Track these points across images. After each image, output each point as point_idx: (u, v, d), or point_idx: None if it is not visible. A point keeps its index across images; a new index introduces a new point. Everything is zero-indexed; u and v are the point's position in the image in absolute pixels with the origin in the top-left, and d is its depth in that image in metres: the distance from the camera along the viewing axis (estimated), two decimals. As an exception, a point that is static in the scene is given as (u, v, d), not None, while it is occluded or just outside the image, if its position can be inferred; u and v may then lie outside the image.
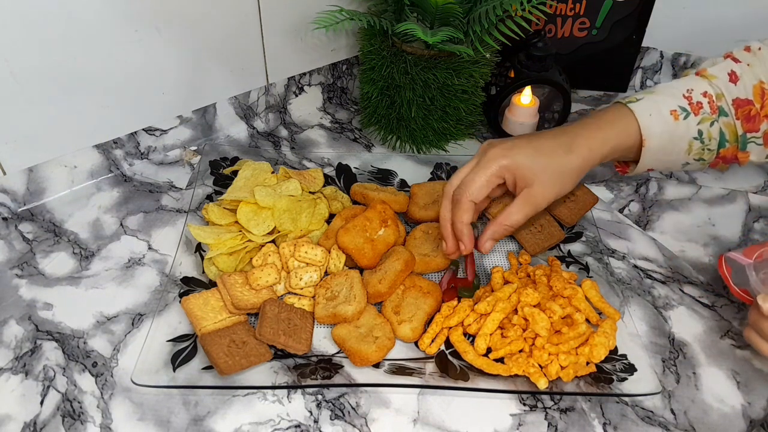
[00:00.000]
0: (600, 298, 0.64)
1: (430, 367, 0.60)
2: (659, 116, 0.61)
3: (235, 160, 0.81)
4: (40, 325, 0.63)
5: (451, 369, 0.59)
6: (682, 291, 0.70)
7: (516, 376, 0.58)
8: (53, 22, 0.66)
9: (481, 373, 0.59)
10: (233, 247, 0.67)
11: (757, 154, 0.64)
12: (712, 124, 0.62)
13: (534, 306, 0.61)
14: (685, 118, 0.61)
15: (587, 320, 0.62)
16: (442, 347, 0.62)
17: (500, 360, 0.60)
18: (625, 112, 0.62)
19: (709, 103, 0.62)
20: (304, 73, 0.92)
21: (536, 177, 0.59)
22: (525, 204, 0.60)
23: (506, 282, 0.66)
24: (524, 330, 0.61)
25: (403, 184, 0.81)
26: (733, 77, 0.63)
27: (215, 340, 0.59)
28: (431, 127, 0.85)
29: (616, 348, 0.61)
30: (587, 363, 0.59)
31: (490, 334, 0.60)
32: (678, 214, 0.80)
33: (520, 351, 0.59)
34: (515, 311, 0.62)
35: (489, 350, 0.60)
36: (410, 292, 0.65)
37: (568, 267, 0.71)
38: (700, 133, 0.62)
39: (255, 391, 0.58)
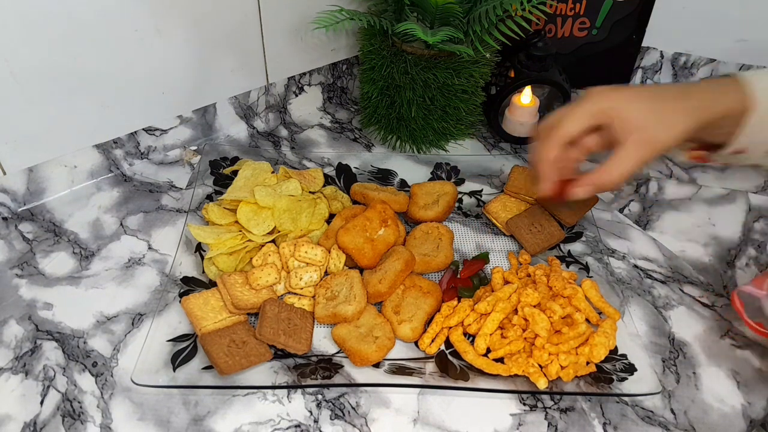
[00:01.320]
0: (600, 297, 0.64)
1: (430, 366, 0.60)
2: None
3: (235, 159, 0.81)
4: (40, 324, 0.63)
5: (451, 369, 0.59)
6: (682, 291, 0.70)
7: (516, 375, 0.58)
8: (53, 21, 0.66)
9: (481, 373, 0.59)
10: (233, 246, 0.67)
11: None
12: None
13: (534, 306, 0.61)
14: None
15: (587, 320, 0.62)
16: (442, 347, 0.62)
17: (500, 360, 0.60)
18: (736, 82, 0.55)
19: None
20: (304, 73, 0.92)
21: (647, 120, 0.53)
22: (637, 148, 0.53)
23: (506, 282, 0.66)
24: (524, 330, 0.61)
25: (403, 184, 0.81)
26: None
27: (215, 339, 0.59)
28: (431, 127, 0.85)
29: (616, 348, 0.61)
30: (587, 363, 0.59)
31: (490, 334, 0.60)
32: (678, 214, 0.80)
33: (520, 351, 0.59)
34: (515, 311, 0.62)
35: (489, 350, 0.60)
36: (410, 291, 0.65)
37: (568, 267, 0.71)
38: None
39: (255, 390, 0.58)
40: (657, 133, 0.53)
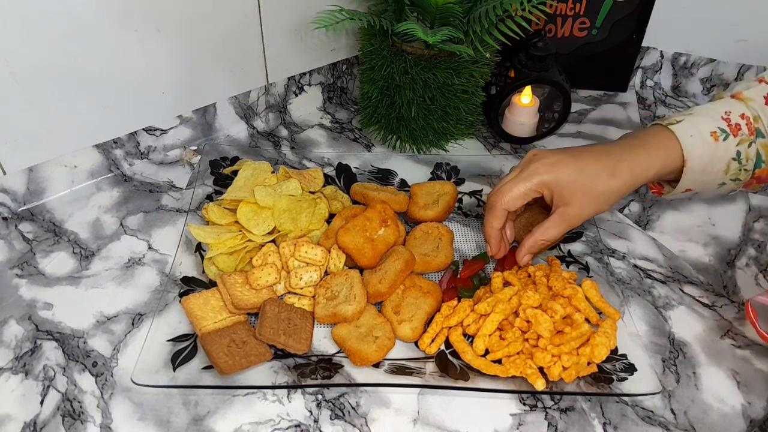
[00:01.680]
0: (600, 297, 0.63)
1: (430, 366, 0.60)
2: (700, 138, 0.62)
3: (235, 159, 0.81)
4: (40, 324, 0.63)
5: (451, 369, 0.59)
6: (682, 291, 0.70)
7: (516, 375, 0.58)
8: (53, 21, 0.66)
9: (480, 372, 0.59)
10: (233, 246, 0.67)
11: None
12: (749, 145, 0.62)
13: (535, 307, 0.61)
14: (724, 139, 0.62)
15: (587, 320, 0.62)
16: (442, 347, 0.62)
17: (499, 361, 0.60)
18: (668, 135, 0.62)
19: (746, 124, 0.62)
20: (304, 73, 0.92)
21: (575, 197, 0.61)
22: (561, 221, 0.63)
23: (506, 284, 0.66)
24: (524, 332, 0.61)
25: (403, 184, 0.81)
26: None
27: (215, 339, 0.59)
28: (431, 127, 0.85)
29: (616, 348, 0.61)
30: (588, 363, 0.59)
31: (489, 335, 0.60)
32: (678, 214, 0.80)
33: (519, 353, 0.59)
34: (516, 314, 0.62)
35: (488, 351, 0.60)
36: (410, 291, 0.65)
37: (568, 267, 0.71)
38: (738, 153, 0.62)
39: (255, 390, 0.58)
40: (582, 211, 0.62)
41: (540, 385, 0.56)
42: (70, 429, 0.55)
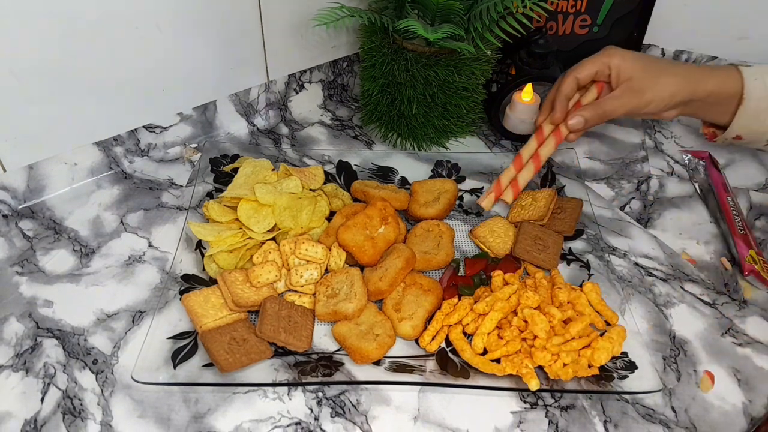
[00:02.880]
0: (600, 300, 0.63)
1: (431, 364, 0.60)
2: (762, 83, 0.64)
3: (235, 157, 0.81)
4: (40, 322, 0.63)
5: (452, 366, 0.59)
6: (683, 289, 0.70)
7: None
8: (53, 19, 0.65)
9: (480, 370, 0.59)
10: (234, 244, 0.67)
11: None
12: None
13: (534, 308, 0.61)
14: None
15: (593, 326, 0.62)
16: (443, 345, 0.62)
17: (498, 360, 0.60)
18: (735, 72, 0.66)
19: None
20: (305, 70, 0.92)
21: (637, 74, 0.67)
22: (623, 93, 0.67)
23: (506, 284, 0.66)
24: (521, 331, 0.60)
25: (403, 182, 0.81)
26: None
27: (216, 337, 0.59)
28: (432, 125, 0.85)
29: (616, 346, 0.61)
30: (589, 366, 0.59)
31: (488, 334, 0.60)
32: (679, 212, 0.80)
33: (517, 352, 0.59)
34: (515, 313, 0.62)
35: (487, 349, 0.60)
36: (411, 289, 0.65)
37: (569, 265, 0.71)
38: None
39: (255, 388, 0.58)
40: (643, 86, 0.67)
41: (534, 385, 0.56)
42: (71, 426, 0.55)
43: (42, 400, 0.57)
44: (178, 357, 0.59)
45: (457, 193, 0.77)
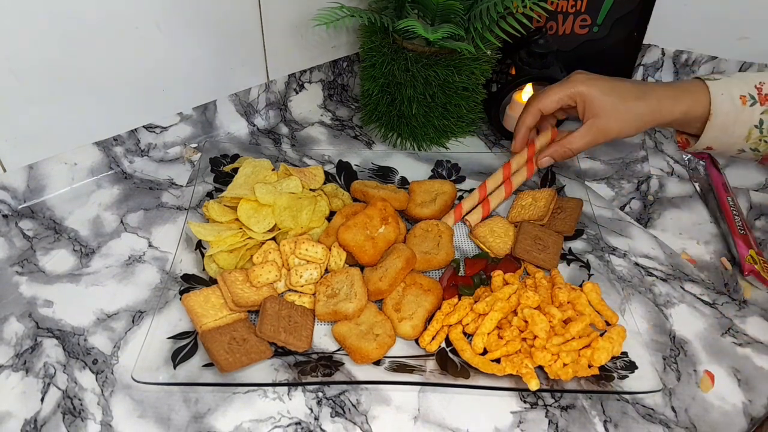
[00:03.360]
0: (600, 300, 0.63)
1: (431, 364, 0.60)
2: (729, 97, 0.65)
3: (235, 157, 0.81)
4: (40, 322, 0.63)
5: (452, 366, 0.59)
6: (683, 289, 0.70)
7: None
8: (53, 19, 0.65)
9: (480, 370, 0.59)
10: (234, 244, 0.67)
11: None
12: None
13: (534, 308, 0.61)
14: (751, 105, 0.65)
15: (593, 326, 0.62)
16: (443, 345, 0.62)
17: (498, 360, 0.60)
18: (701, 87, 0.67)
19: None
20: (305, 70, 0.92)
21: (604, 110, 0.66)
22: (588, 132, 0.68)
23: (506, 283, 0.66)
24: (521, 331, 0.60)
25: (403, 182, 0.81)
26: None
27: (216, 337, 0.59)
28: (432, 125, 0.85)
29: (616, 346, 0.61)
30: (589, 366, 0.59)
31: (488, 334, 0.60)
32: (679, 212, 0.80)
33: (517, 352, 0.59)
34: (515, 313, 0.62)
35: (487, 350, 0.60)
36: (411, 289, 0.65)
37: (569, 265, 0.71)
38: (761, 122, 0.65)
39: (255, 388, 0.58)
40: (609, 124, 0.67)
41: (534, 385, 0.56)
42: (71, 426, 0.55)
43: (42, 400, 0.57)
44: (178, 357, 0.59)
45: (455, 194, 0.77)
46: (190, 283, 0.66)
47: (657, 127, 0.70)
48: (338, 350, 0.61)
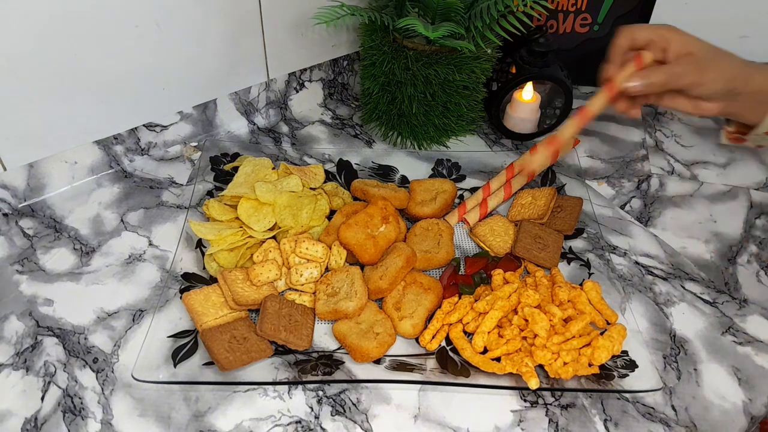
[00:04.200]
0: (600, 299, 0.63)
1: (431, 363, 0.60)
2: None
3: (235, 156, 0.81)
4: (40, 320, 0.63)
5: (452, 365, 0.59)
6: (684, 287, 0.69)
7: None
8: (53, 17, 0.65)
9: (480, 369, 0.59)
10: (234, 243, 0.67)
11: None
12: None
13: (534, 307, 0.61)
14: None
15: (593, 324, 0.62)
16: (443, 343, 0.62)
17: (499, 359, 0.60)
18: None
19: None
20: (305, 69, 0.92)
21: (698, 51, 0.62)
22: (688, 63, 0.62)
23: (506, 282, 0.66)
24: (522, 330, 0.60)
25: (404, 180, 0.81)
26: None
27: (216, 335, 0.59)
28: (432, 123, 0.85)
29: (617, 345, 0.61)
30: (590, 365, 0.59)
31: (488, 333, 0.60)
32: (679, 211, 0.80)
33: (518, 350, 0.59)
34: (515, 312, 0.62)
35: (487, 348, 0.60)
36: (411, 288, 0.65)
37: (569, 263, 0.71)
38: None
39: (256, 387, 0.58)
40: (704, 63, 0.62)
41: (534, 384, 0.56)
42: (71, 425, 0.55)
43: (42, 398, 0.57)
44: (178, 355, 0.59)
45: (456, 193, 0.77)
46: (191, 281, 0.66)
47: (738, 91, 0.64)
48: (338, 349, 0.61)
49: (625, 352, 0.61)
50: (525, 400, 0.58)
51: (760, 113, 0.66)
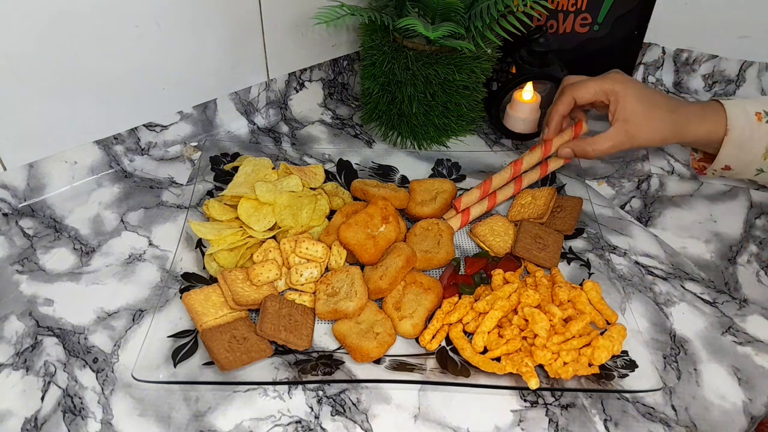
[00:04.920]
0: (600, 299, 0.63)
1: (431, 363, 0.60)
2: (744, 113, 0.67)
3: (235, 155, 0.81)
4: (40, 320, 0.63)
5: (452, 365, 0.59)
6: (684, 287, 0.69)
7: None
8: (54, 18, 0.65)
9: (480, 369, 0.59)
10: (234, 242, 0.67)
11: None
12: None
13: (534, 307, 0.61)
14: (767, 122, 0.66)
15: (593, 324, 0.62)
16: (443, 343, 0.62)
17: (499, 359, 0.60)
18: (719, 108, 0.68)
19: None
20: (305, 69, 0.92)
21: (635, 116, 0.66)
22: (617, 134, 0.67)
23: (506, 282, 0.66)
24: (522, 330, 0.60)
25: (404, 180, 0.81)
26: None
27: (216, 335, 0.59)
28: (432, 123, 0.85)
29: (617, 344, 0.61)
30: (590, 365, 0.59)
31: (488, 332, 0.60)
32: (679, 211, 0.80)
33: (518, 350, 0.59)
34: (515, 312, 0.62)
35: (487, 348, 0.60)
36: (411, 288, 0.65)
37: (569, 263, 0.71)
38: None
39: (256, 387, 0.58)
40: (639, 130, 0.67)
41: (534, 384, 0.56)
42: (71, 425, 0.55)
43: (42, 398, 0.57)
44: (178, 355, 0.59)
45: (455, 193, 0.77)
46: (191, 281, 0.66)
47: (679, 143, 0.70)
48: (338, 349, 0.61)
49: (625, 352, 0.61)
50: (525, 400, 0.58)
51: (712, 148, 0.70)
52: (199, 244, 0.70)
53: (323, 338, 0.62)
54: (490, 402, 0.58)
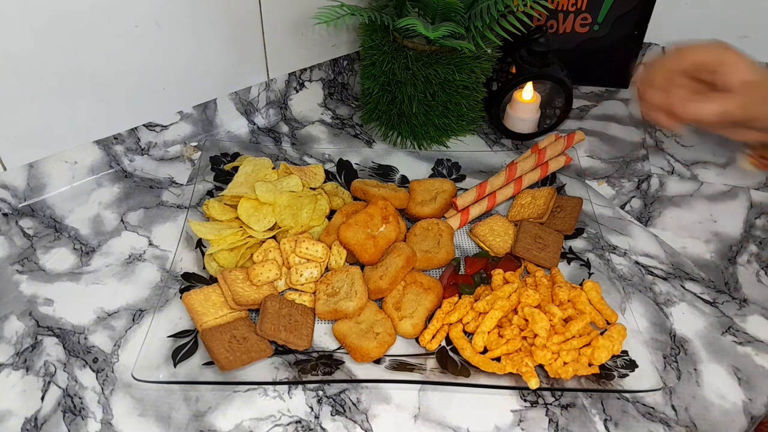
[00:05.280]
0: (600, 299, 0.63)
1: (431, 363, 0.60)
2: None
3: (235, 155, 0.81)
4: (40, 320, 0.63)
5: (452, 365, 0.59)
6: (684, 287, 0.69)
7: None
8: (54, 18, 0.65)
9: (480, 369, 0.59)
10: (234, 242, 0.67)
11: None
12: None
13: (534, 307, 0.61)
14: None
15: (593, 324, 0.62)
16: (443, 343, 0.62)
17: (499, 359, 0.60)
18: None
19: None
20: (305, 69, 0.92)
21: (745, 82, 0.58)
22: (746, 91, 0.58)
23: (506, 282, 0.66)
24: (522, 330, 0.60)
25: (404, 180, 0.81)
26: None
27: (216, 335, 0.59)
28: (432, 123, 0.85)
29: (617, 344, 0.61)
30: (590, 364, 0.59)
31: (488, 332, 0.60)
32: (679, 210, 0.80)
33: (518, 350, 0.59)
34: (515, 312, 0.62)
35: (487, 348, 0.60)
36: (411, 288, 0.65)
37: (569, 263, 0.71)
38: None
39: (256, 386, 0.58)
40: (745, 98, 0.58)
41: (534, 384, 0.56)
42: (71, 425, 0.55)
43: (42, 398, 0.57)
44: (178, 355, 0.59)
45: (455, 193, 0.77)
46: (191, 281, 0.66)
47: None
48: (338, 349, 0.61)
49: (625, 352, 0.61)
50: (525, 400, 0.58)
51: None
52: (199, 244, 0.70)
53: (323, 338, 0.62)
54: (490, 402, 0.58)
